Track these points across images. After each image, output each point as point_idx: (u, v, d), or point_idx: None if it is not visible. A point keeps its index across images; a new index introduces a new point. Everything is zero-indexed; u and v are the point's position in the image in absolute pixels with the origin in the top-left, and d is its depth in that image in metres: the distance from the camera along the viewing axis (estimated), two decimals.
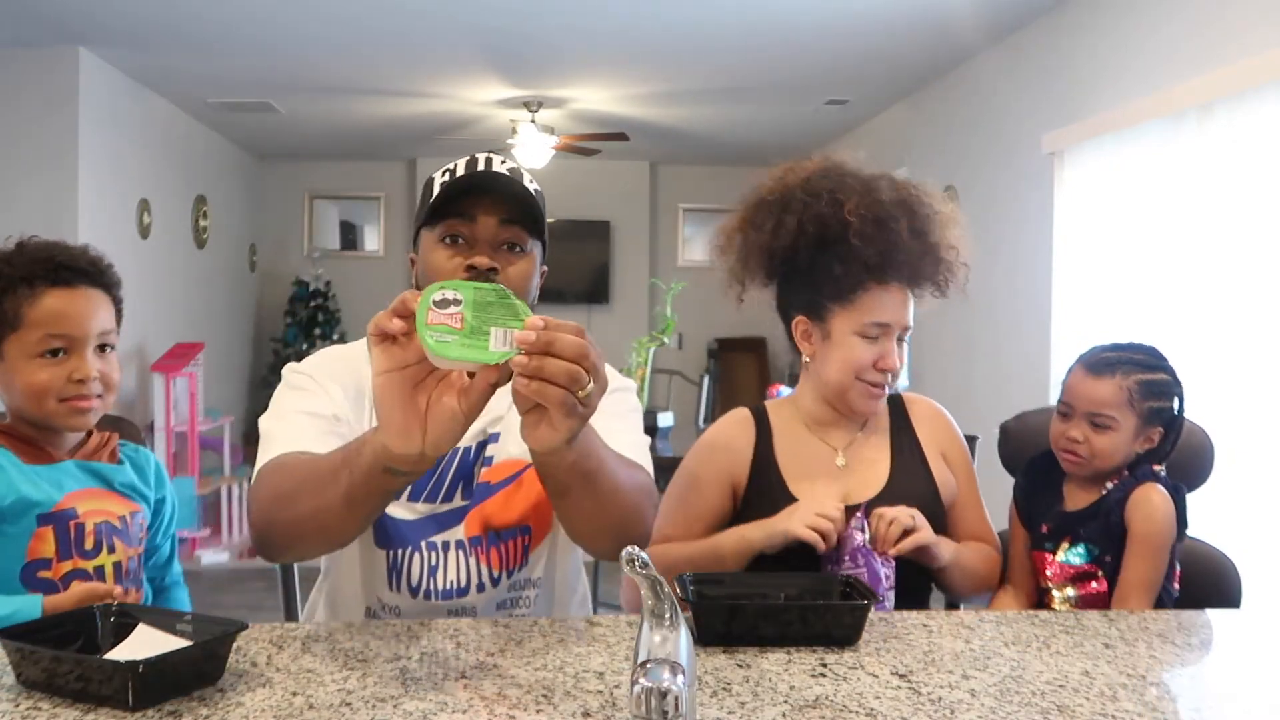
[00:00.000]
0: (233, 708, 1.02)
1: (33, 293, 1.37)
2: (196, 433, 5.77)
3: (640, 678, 0.84)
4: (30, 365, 1.37)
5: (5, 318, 1.37)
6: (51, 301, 1.38)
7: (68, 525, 1.37)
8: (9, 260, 1.39)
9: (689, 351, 8.47)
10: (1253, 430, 3.10)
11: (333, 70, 5.60)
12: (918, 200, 1.62)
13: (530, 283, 1.41)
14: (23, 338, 1.37)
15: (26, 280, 1.37)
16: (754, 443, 1.67)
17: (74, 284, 1.40)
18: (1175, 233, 3.50)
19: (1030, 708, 1.05)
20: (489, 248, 1.38)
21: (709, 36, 4.95)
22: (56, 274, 1.39)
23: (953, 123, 5.58)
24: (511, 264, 1.39)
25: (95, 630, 1.16)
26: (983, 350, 5.07)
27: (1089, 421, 1.58)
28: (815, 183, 1.62)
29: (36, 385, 1.37)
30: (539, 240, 1.44)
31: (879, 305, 1.58)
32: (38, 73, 5.08)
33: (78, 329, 1.38)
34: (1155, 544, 1.54)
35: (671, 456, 3.80)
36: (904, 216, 1.58)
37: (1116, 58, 3.94)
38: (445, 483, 1.44)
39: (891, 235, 1.56)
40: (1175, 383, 1.60)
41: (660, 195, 8.79)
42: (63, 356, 1.38)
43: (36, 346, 1.37)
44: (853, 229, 1.56)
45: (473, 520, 1.44)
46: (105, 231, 5.37)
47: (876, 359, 1.59)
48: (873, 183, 1.61)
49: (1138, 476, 1.58)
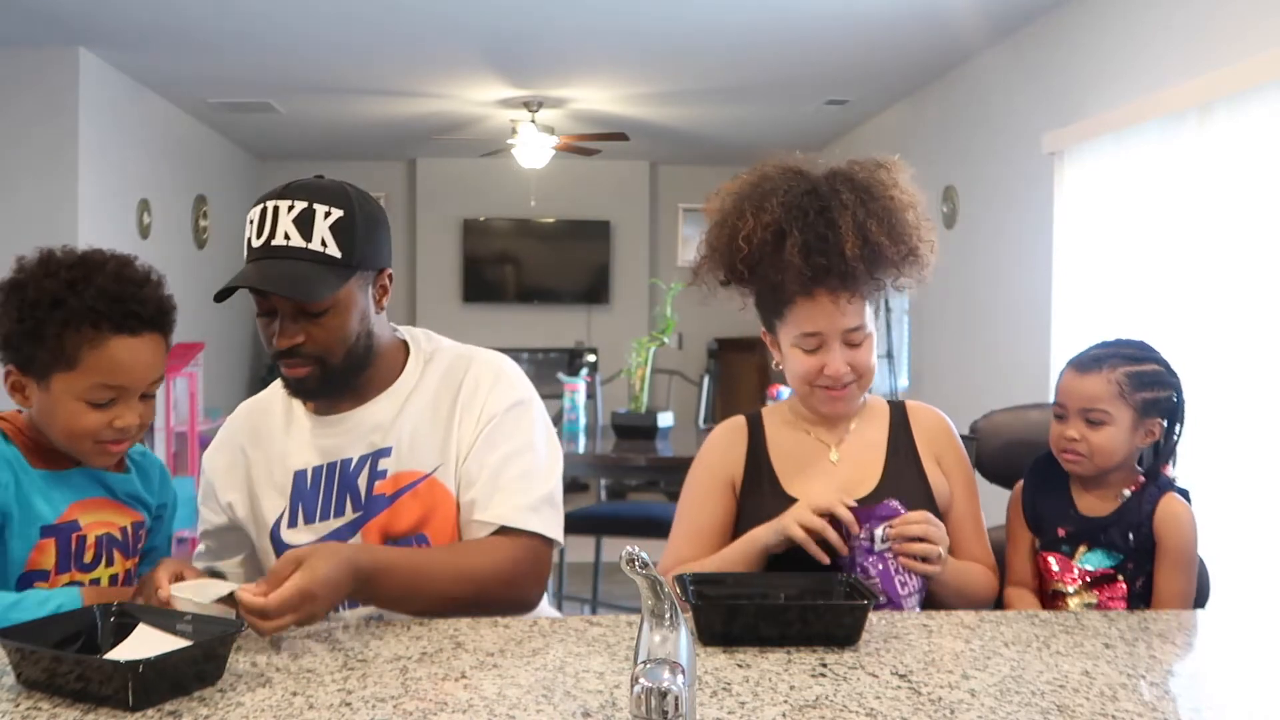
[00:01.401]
0: (233, 708, 1.02)
1: (97, 335, 1.29)
2: (196, 433, 5.77)
3: (640, 678, 0.84)
4: (76, 407, 1.30)
5: (62, 353, 1.28)
6: (114, 351, 1.30)
7: (70, 538, 1.34)
8: (75, 288, 1.29)
9: (689, 351, 8.46)
10: (1253, 430, 3.10)
11: (333, 70, 5.60)
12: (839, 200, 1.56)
13: (344, 330, 1.44)
14: (75, 379, 1.29)
15: (92, 321, 1.28)
16: (746, 445, 1.67)
17: (139, 332, 1.32)
18: (1175, 233, 3.50)
19: (1030, 708, 1.05)
20: (288, 321, 1.42)
21: (709, 36, 4.95)
22: (124, 321, 1.30)
23: (953, 123, 5.58)
24: (314, 328, 1.42)
25: (95, 630, 1.16)
26: (982, 350, 5.07)
27: (1083, 419, 1.57)
28: (732, 200, 1.63)
29: (78, 428, 1.31)
30: (348, 273, 1.42)
31: (807, 317, 1.57)
32: (38, 73, 5.08)
33: (133, 380, 1.32)
34: (1188, 556, 1.55)
35: (671, 456, 3.80)
36: (798, 228, 1.53)
37: (1116, 58, 3.94)
38: (333, 497, 1.50)
39: (786, 255, 1.53)
40: (1168, 373, 1.59)
41: (660, 195, 8.79)
42: (109, 404, 1.31)
43: (87, 393, 1.30)
44: (741, 255, 1.57)
45: (370, 531, 1.49)
46: (105, 231, 5.37)
47: (821, 367, 1.59)
48: (762, 200, 1.57)
49: (1160, 486, 1.57)
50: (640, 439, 4.09)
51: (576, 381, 4.23)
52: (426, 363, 1.56)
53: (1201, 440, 2.99)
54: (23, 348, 1.30)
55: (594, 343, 8.45)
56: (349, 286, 1.43)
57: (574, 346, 8.37)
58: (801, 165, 1.64)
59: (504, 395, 1.52)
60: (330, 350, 1.43)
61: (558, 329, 8.40)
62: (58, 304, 1.28)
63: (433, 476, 1.49)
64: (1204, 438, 3.09)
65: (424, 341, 1.60)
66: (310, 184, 1.44)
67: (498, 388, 1.53)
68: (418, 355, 1.57)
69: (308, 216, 1.41)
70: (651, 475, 4.76)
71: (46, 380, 1.30)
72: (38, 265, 1.32)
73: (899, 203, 1.60)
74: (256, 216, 1.43)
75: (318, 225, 1.41)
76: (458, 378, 1.54)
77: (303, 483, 1.51)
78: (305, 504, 1.51)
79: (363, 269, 1.45)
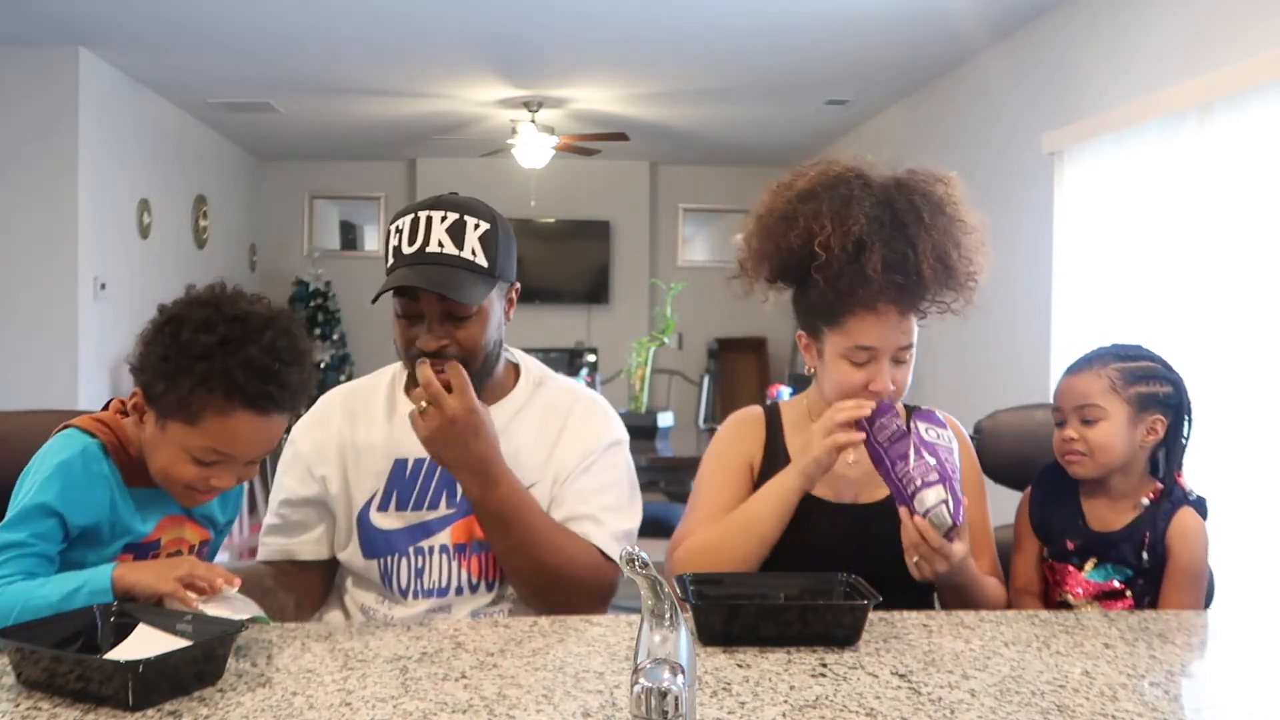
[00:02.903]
0: (233, 708, 1.02)
1: (227, 405, 1.26)
2: None
3: (640, 678, 0.84)
4: (181, 456, 1.28)
5: (189, 408, 1.25)
6: (238, 425, 1.27)
7: (146, 553, 1.34)
8: (225, 348, 1.25)
9: (689, 351, 8.46)
10: (1253, 431, 3.10)
11: (333, 70, 5.60)
12: (917, 217, 1.54)
13: (484, 336, 1.51)
14: (191, 435, 1.27)
15: (226, 390, 1.25)
16: (765, 434, 1.67)
17: (269, 413, 1.29)
18: (1175, 233, 3.50)
19: (1030, 708, 1.05)
20: (435, 323, 1.48)
21: (709, 36, 4.95)
22: (258, 401, 1.27)
23: (953, 123, 5.58)
24: (458, 331, 1.49)
25: (95, 630, 1.16)
26: (982, 351, 5.07)
27: (1079, 418, 1.57)
28: (808, 201, 1.57)
29: (175, 475, 1.29)
30: (492, 283, 1.50)
31: (866, 330, 1.53)
32: (38, 73, 5.08)
33: (244, 453, 1.30)
34: (1198, 571, 1.54)
35: (671, 456, 3.81)
36: (892, 244, 1.51)
37: (1116, 58, 3.94)
38: (429, 491, 1.57)
39: (864, 268, 1.50)
40: (1165, 369, 1.59)
41: (660, 195, 8.79)
42: (213, 464, 1.29)
43: (197, 451, 1.27)
44: (818, 262, 1.52)
45: (459, 529, 1.56)
46: (105, 231, 5.38)
47: (867, 382, 1.55)
48: (849, 208, 1.53)
49: (1174, 501, 1.56)
50: (640, 439, 4.09)
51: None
52: (537, 385, 1.65)
53: (1201, 441, 2.99)
54: (156, 384, 1.28)
55: (594, 343, 8.45)
56: (491, 295, 1.50)
57: (574, 346, 8.37)
58: (871, 172, 1.61)
59: (606, 433, 1.63)
60: (472, 354, 1.49)
61: (558, 329, 8.40)
62: (203, 358, 1.25)
63: (529, 490, 1.55)
64: (1203, 438, 3.08)
65: (533, 367, 1.69)
66: (457, 199, 1.52)
67: (603, 426, 1.64)
68: (528, 377, 1.66)
69: (459, 227, 1.48)
70: (651, 475, 4.75)
71: (165, 421, 1.28)
72: (199, 307, 1.30)
73: (966, 225, 1.60)
74: (407, 225, 1.49)
75: (468, 235, 1.48)
76: (565, 406, 1.64)
77: (402, 471, 1.57)
78: (401, 491, 1.57)
79: (502, 280, 1.53)
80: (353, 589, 1.61)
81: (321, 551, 1.62)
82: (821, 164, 1.64)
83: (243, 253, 8.02)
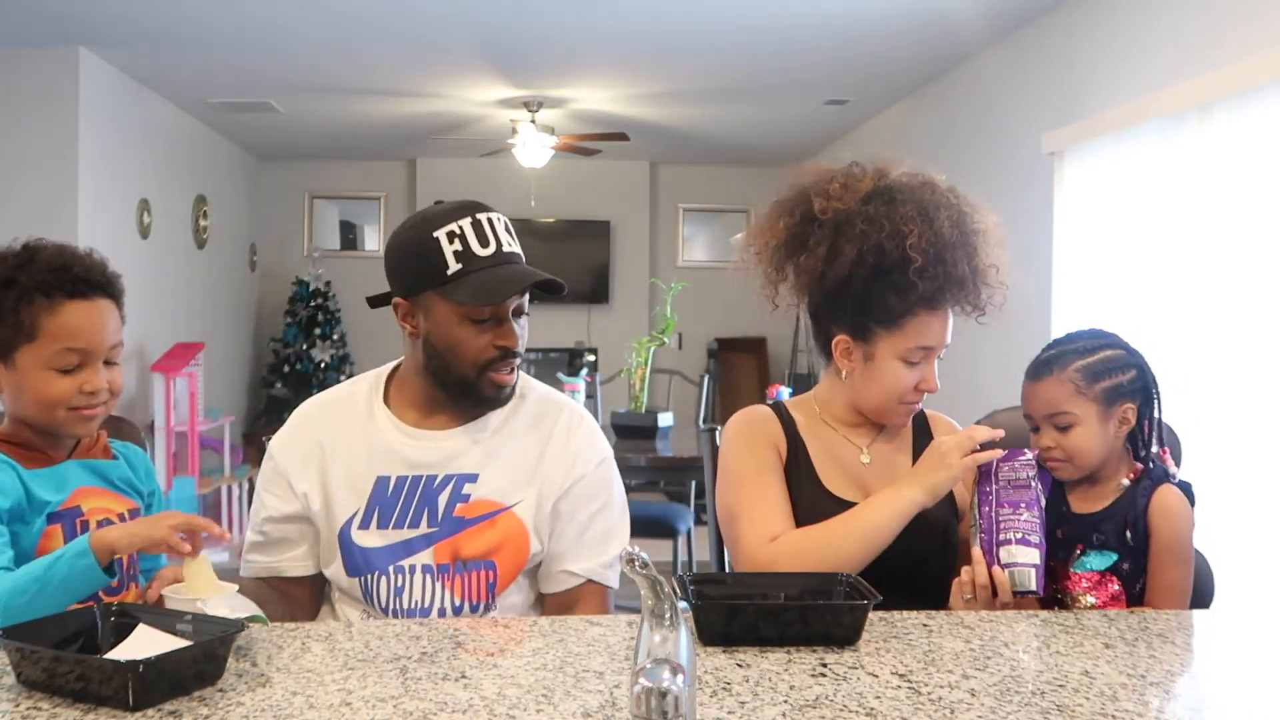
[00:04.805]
0: (233, 708, 1.02)
1: (51, 304, 1.36)
2: (197, 433, 5.77)
3: (640, 678, 0.84)
4: (44, 376, 1.37)
5: (22, 328, 1.36)
6: (70, 315, 1.37)
7: (74, 524, 1.38)
8: (22, 267, 1.38)
9: (689, 351, 8.46)
10: (1253, 428, 3.10)
11: (333, 70, 5.60)
12: (969, 222, 1.60)
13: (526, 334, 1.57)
14: (39, 349, 1.36)
15: (44, 291, 1.36)
16: (784, 430, 1.67)
17: (90, 296, 1.40)
18: (1175, 233, 3.50)
19: (1030, 708, 1.05)
20: (511, 321, 1.51)
21: (709, 36, 4.95)
22: (74, 286, 1.38)
23: (953, 123, 5.58)
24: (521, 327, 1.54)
25: (95, 630, 1.16)
26: (982, 350, 5.06)
27: (1052, 425, 1.56)
28: (875, 209, 1.57)
29: (49, 396, 1.37)
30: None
31: (926, 330, 1.58)
32: (38, 73, 5.08)
33: (93, 343, 1.39)
34: (1182, 548, 1.52)
35: (671, 456, 3.80)
36: (962, 247, 1.57)
37: (1116, 58, 3.94)
38: (410, 510, 1.54)
39: (948, 268, 1.56)
40: (1127, 353, 1.58)
41: (660, 195, 8.79)
42: (75, 370, 1.38)
43: (53, 360, 1.36)
44: (914, 265, 1.54)
45: (442, 549, 1.53)
46: (105, 231, 5.37)
47: (918, 382, 1.60)
48: (931, 211, 1.57)
49: (1154, 479, 1.55)
50: (640, 439, 4.09)
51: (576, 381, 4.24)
52: (520, 397, 1.62)
53: (1201, 438, 2.99)
54: None
55: (594, 342, 8.45)
56: None
57: (574, 346, 8.37)
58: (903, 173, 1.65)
59: (593, 452, 1.62)
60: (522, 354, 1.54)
61: (558, 329, 8.40)
62: (9, 284, 1.36)
63: (512, 510, 1.55)
64: (1204, 436, 3.09)
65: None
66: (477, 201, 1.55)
67: (588, 444, 1.62)
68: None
69: (508, 227, 1.53)
70: (651, 475, 4.76)
71: (12, 358, 1.37)
72: None
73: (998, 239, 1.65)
74: (469, 229, 1.49)
75: (514, 235, 1.54)
76: (549, 423, 1.61)
77: (384, 489, 1.55)
78: (383, 509, 1.54)
79: None
80: (339, 604, 1.60)
81: (309, 567, 1.60)
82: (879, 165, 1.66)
83: (243, 252, 8.02)
